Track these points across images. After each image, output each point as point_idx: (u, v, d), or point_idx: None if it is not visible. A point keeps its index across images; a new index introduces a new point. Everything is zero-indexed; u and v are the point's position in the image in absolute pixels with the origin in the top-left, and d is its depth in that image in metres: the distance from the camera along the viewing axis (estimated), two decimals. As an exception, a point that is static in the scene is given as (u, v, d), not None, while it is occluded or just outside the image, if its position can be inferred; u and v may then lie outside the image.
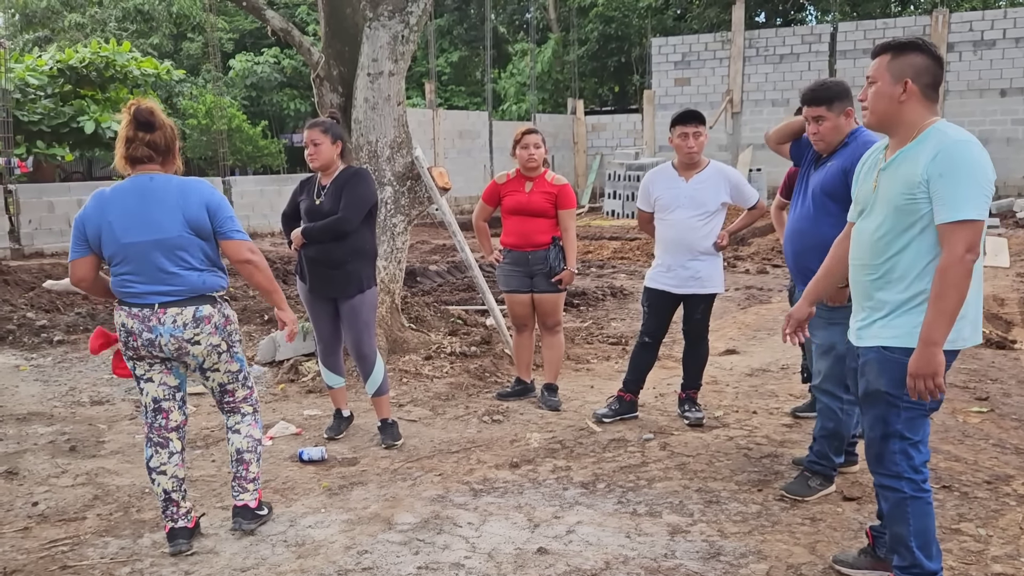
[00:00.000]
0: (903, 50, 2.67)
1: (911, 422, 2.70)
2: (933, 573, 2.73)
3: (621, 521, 3.49)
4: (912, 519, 2.70)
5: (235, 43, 27.56)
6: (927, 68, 2.66)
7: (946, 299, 2.51)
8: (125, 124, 3.20)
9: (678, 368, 5.54)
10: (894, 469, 2.71)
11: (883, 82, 2.68)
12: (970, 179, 2.53)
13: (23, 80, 15.37)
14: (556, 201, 4.94)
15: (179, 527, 3.31)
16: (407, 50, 6.03)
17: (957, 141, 2.59)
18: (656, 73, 22.99)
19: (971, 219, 2.50)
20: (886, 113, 2.70)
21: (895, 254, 2.66)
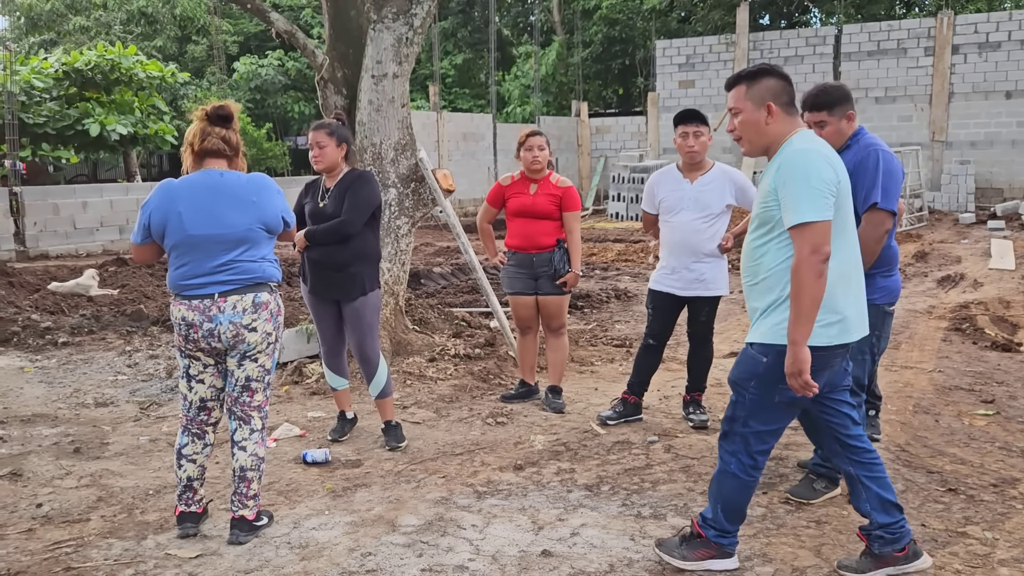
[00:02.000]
0: (756, 77, 2.86)
1: (757, 413, 2.89)
2: (727, 532, 3.05)
3: (625, 524, 3.48)
4: (728, 492, 3.00)
5: (239, 46, 27.62)
6: (782, 88, 2.87)
7: (799, 299, 2.66)
8: (199, 119, 3.33)
9: (682, 370, 5.53)
10: (732, 448, 2.97)
11: (747, 111, 2.86)
12: (804, 184, 2.69)
13: (28, 83, 15.41)
14: (561, 203, 4.93)
15: (190, 511, 3.45)
16: (411, 52, 6.03)
17: (796, 151, 2.77)
18: (660, 75, 22.99)
19: (810, 221, 2.66)
20: (758, 138, 2.88)
21: (759, 259, 2.87)
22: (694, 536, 3.10)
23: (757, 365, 2.85)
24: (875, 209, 3.48)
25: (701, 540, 3.07)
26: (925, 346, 6.62)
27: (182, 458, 3.45)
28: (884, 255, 3.57)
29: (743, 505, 3.04)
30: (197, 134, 3.32)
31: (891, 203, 3.49)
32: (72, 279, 9.69)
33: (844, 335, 2.82)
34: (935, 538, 3.31)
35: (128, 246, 14.33)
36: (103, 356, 6.71)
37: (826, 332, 2.77)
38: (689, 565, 3.05)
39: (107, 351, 6.88)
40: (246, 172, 3.45)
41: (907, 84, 20.11)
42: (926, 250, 12.44)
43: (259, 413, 3.45)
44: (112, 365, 6.44)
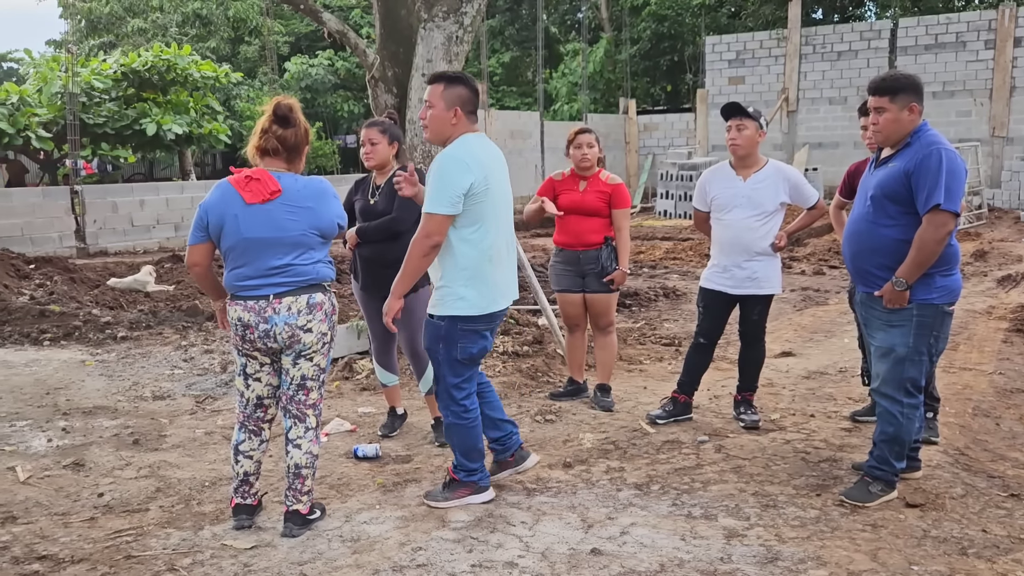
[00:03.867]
0: (453, 82, 3.44)
1: (451, 368, 3.56)
2: (474, 470, 3.67)
3: (676, 523, 3.46)
4: (459, 438, 3.65)
5: (290, 46, 28.04)
6: (470, 98, 3.47)
7: (405, 267, 3.46)
8: (265, 116, 3.33)
9: (733, 370, 5.47)
10: (443, 404, 3.64)
11: (439, 108, 3.43)
12: (436, 182, 3.33)
13: (89, 84, 15.84)
14: (610, 200, 4.90)
15: (245, 504, 3.53)
16: (461, 51, 6.06)
17: (440, 155, 3.40)
18: (709, 72, 22.73)
19: (429, 212, 3.35)
20: (441, 132, 3.48)
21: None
22: (452, 482, 3.69)
23: (439, 330, 3.52)
24: (937, 210, 3.38)
25: (457, 482, 3.68)
26: (985, 347, 6.45)
27: (239, 454, 3.50)
28: (945, 254, 3.48)
29: (477, 443, 3.69)
30: (259, 132, 3.34)
31: (954, 204, 3.39)
32: (130, 275, 9.94)
33: (470, 310, 3.49)
34: (996, 544, 3.23)
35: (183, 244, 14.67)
36: (160, 350, 6.87)
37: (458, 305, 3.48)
38: (453, 503, 3.64)
39: (164, 346, 7.05)
40: (305, 173, 3.47)
41: (966, 78, 19.57)
42: (985, 249, 12.11)
43: (314, 411, 3.49)
44: (169, 359, 6.59)
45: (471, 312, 3.50)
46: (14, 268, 9.33)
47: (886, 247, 3.54)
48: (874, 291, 3.59)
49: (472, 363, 3.63)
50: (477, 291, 3.49)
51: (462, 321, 3.50)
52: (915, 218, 3.46)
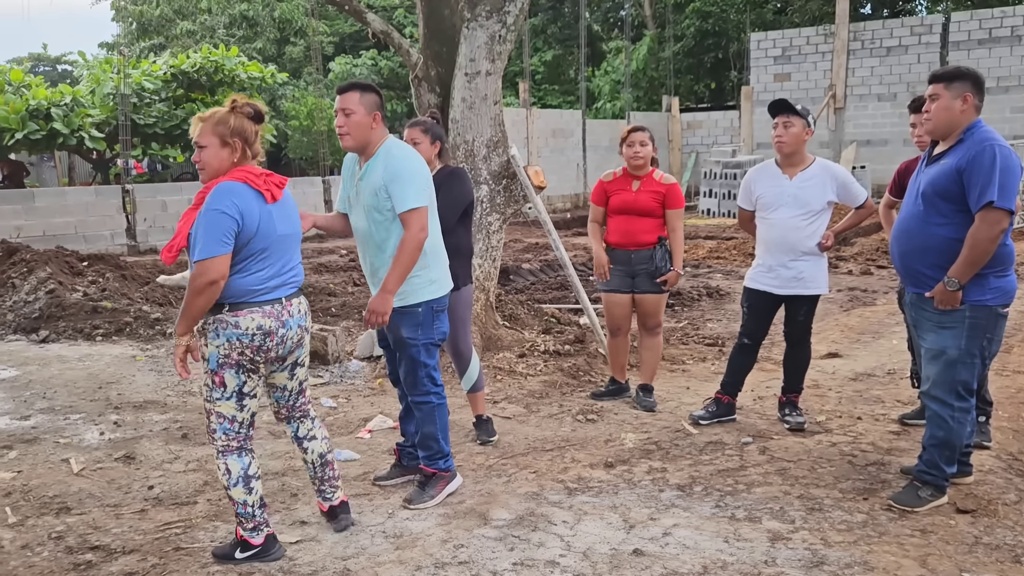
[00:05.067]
0: (367, 90, 3.57)
1: (428, 352, 3.68)
2: (446, 455, 3.79)
3: (719, 525, 3.43)
4: (441, 419, 3.74)
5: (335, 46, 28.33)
6: (381, 104, 3.59)
7: (403, 263, 3.48)
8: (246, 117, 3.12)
9: (777, 371, 5.40)
10: (423, 388, 3.70)
11: (359, 113, 3.52)
12: (414, 178, 3.50)
13: (140, 85, 16.19)
14: (664, 200, 4.86)
15: (272, 532, 3.28)
16: (504, 50, 6.06)
17: (399, 157, 3.56)
18: (755, 69, 22.46)
19: (418, 206, 3.47)
20: (363, 136, 3.56)
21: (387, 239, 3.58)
22: (428, 477, 3.75)
23: (416, 318, 3.63)
24: (991, 208, 3.30)
25: (436, 476, 3.75)
26: (1040, 350, 6.28)
27: (251, 479, 3.18)
28: (999, 254, 3.40)
29: (448, 423, 3.83)
30: (252, 133, 3.13)
31: (1009, 201, 3.30)
32: (179, 273, 10.14)
33: (440, 291, 3.71)
34: (1052, 553, 3.14)
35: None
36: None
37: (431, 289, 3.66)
38: (439, 499, 3.71)
39: (211, 342, 7.17)
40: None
41: (1021, 73, 19.07)
42: (1041, 249, 11.77)
43: (310, 403, 3.49)
44: (216, 355, 6.70)
45: (441, 293, 3.72)
46: (68, 265, 9.57)
47: (937, 246, 3.46)
48: (925, 292, 3.52)
49: (439, 343, 3.80)
50: (441, 272, 3.74)
51: (435, 303, 3.68)
52: (967, 216, 3.38)
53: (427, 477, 3.76)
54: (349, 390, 5.63)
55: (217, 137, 3.06)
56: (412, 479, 3.95)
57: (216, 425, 3.15)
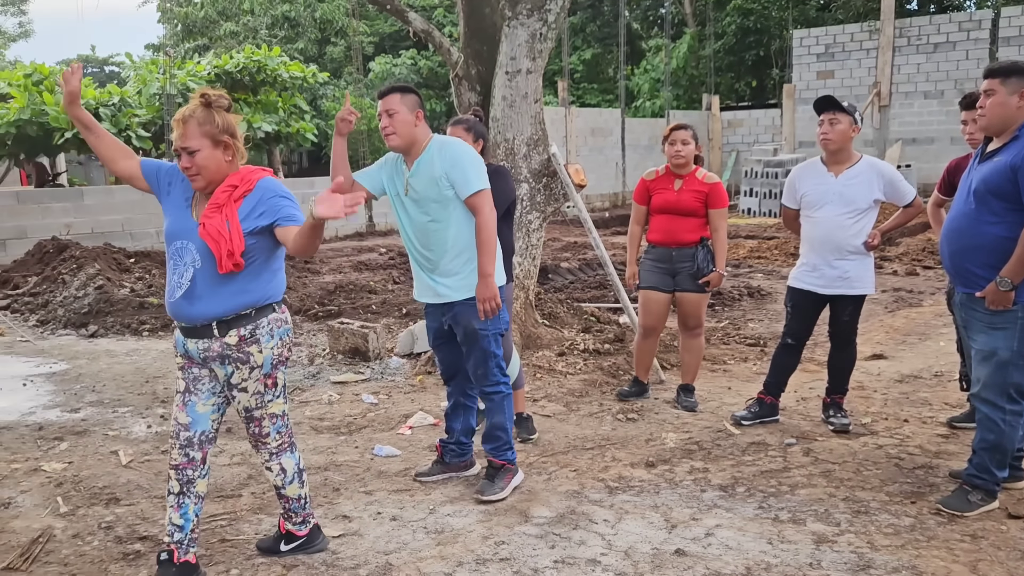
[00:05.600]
0: (407, 91, 3.61)
1: (498, 342, 3.72)
2: (512, 447, 3.84)
3: (762, 527, 3.39)
4: (509, 409, 3.82)
5: (375, 46, 28.55)
6: (421, 103, 3.64)
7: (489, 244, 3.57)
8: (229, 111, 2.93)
9: (820, 372, 5.33)
10: (493, 379, 3.74)
11: (402, 112, 3.56)
12: (473, 162, 3.58)
13: (185, 85, 16.45)
14: (707, 200, 4.81)
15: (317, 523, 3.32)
16: (545, 48, 6.06)
17: (453, 142, 3.64)
18: (797, 66, 22.16)
19: (484, 188, 3.56)
20: (408, 134, 3.58)
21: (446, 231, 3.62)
22: (497, 469, 3.79)
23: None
24: None
25: (504, 467, 3.80)
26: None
27: (302, 473, 3.19)
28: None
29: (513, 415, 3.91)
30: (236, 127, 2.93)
31: None
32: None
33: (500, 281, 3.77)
34: (1109, 561, 3.06)
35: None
36: (250, 342, 7.09)
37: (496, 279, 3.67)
38: (508, 490, 3.74)
39: (254, 338, 7.27)
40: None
41: (1074, 70, 18.54)
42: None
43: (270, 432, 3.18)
44: (259, 351, 6.79)
45: (501, 283, 3.77)
46: (116, 262, 9.78)
47: (989, 245, 3.39)
48: (975, 292, 3.44)
49: (504, 333, 3.83)
50: (500, 263, 3.83)
51: (499, 293, 3.69)
52: (1021, 215, 3.30)
53: (496, 469, 3.80)
54: (390, 387, 5.67)
55: (208, 138, 2.81)
56: (454, 476, 3.97)
57: (269, 427, 3.05)
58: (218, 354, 2.89)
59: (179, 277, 2.85)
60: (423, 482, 3.94)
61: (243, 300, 2.88)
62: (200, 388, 2.98)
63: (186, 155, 2.81)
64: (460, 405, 3.99)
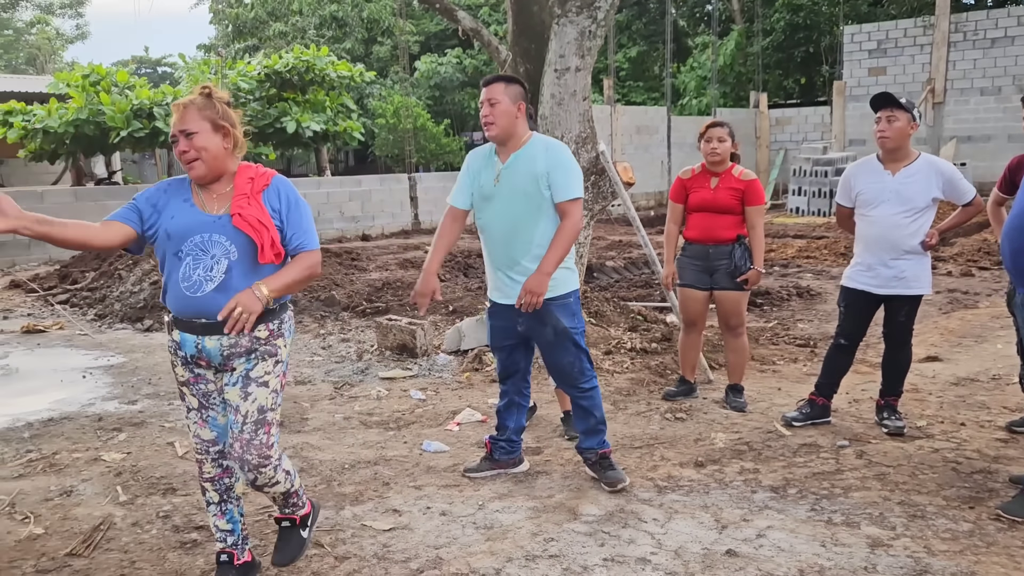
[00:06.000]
0: (512, 81, 3.60)
1: (582, 339, 3.76)
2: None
3: (815, 529, 3.35)
4: (600, 400, 3.85)
5: (420, 45, 28.75)
6: (525, 95, 3.62)
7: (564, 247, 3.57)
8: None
9: (873, 373, 5.24)
10: (589, 374, 3.78)
11: (505, 103, 3.55)
12: (574, 168, 3.57)
13: (236, 85, 16.74)
14: (743, 197, 4.77)
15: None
16: (594, 45, 6.04)
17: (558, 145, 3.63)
18: (848, 63, 21.77)
19: (579, 196, 3.57)
20: (509, 126, 3.58)
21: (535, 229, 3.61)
22: (606, 458, 3.84)
23: (571, 307, 3.71)
24: None
25: (609, 454, 3.87)
26: None
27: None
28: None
29: None
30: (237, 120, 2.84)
31: None
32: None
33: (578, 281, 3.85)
34: None
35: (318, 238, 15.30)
36: (300, 338, 7.20)
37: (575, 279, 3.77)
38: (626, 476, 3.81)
39: (303, 333, 7.38)
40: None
41: None
42: None
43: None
44: (308, 347, 6.90)
45: (576, 287, 3.78)
46: (169, 258, 9.98)
47: None
48: (1039, 292, 3.35)
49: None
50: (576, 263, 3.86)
51: (577, 292, 3.77)
52: None
53: (604, 458, 3.84)
54: (437, 383, 5.71)
55: (208, 121, 2.72)
56: (502, 473, 3.99)
57: (274, 436, 2.79)
58: (246, 349, 2.73)
59: (205, 271, 2.68)
60: (472, 478, 3.96)
61: None
62: (214, 401, 2.84)
63: (184, 138, 2.69)
64: (514, 404, 3.98)
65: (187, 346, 2.75)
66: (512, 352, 3.88)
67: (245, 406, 2.73)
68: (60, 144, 15.44)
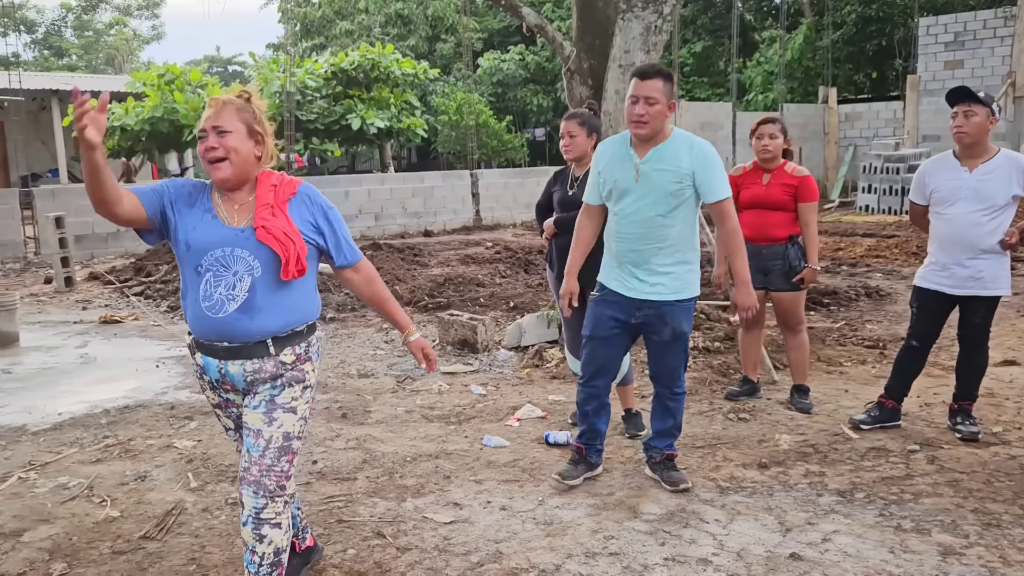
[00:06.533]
0: (669, 78, 3.50)
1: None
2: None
3: (883, 535, 3.26)
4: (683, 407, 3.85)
5: (484, 42, 28.86)
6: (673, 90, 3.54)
7: (742, 249, 3.66)
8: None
9: (945, 377, 5.09)
10: (682, 379, 3.78)
11: (661, 104, 3.46)
12: (721, 168, 3.53)
13: (303, 83, 17.07)
14: (796, 194, 4.68)
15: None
16: (660, 40, 5.99)
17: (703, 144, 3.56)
18: (923, 56, 21.07)
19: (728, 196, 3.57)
20: (661, 127, 3.52)
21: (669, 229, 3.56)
22: (670, 460, 3.81)
23: (691, 309, 3.67)
24: None
25: (675, 457, 3.85)
26: None
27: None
28: None
29: None
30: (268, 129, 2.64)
31: None
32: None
33: None
34: None
35: (383, 233, 15.51)
36: (363, 332, 7.32)
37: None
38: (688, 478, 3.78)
39: (367, 327, 7.50)
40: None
41: None
42: None
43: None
44: (371, 340, 7.00)
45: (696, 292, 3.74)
46: (238, 252, 10.24)
47: None
48: None
49: None
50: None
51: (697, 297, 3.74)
52: None
53: (670, 459, 3.83)
54: (497, 378, 5.73)
55: (244, 124, 2.51)
56: (595, 474, 3.91)
57: (293, 467, 2.60)
58: (271, 375, 2.53)
59: (228, 289, 2.46)
60: (570, 485, 3.78)
61: (299, 315, 2.58)
62: None
63: (215, 135, 2.47)
64: (604, 406, 3.86)
65: (210, 370, 2.57)
66: (606, 344, 3.70)
67: (269, 431, 2.52)
68: (136, 141, 15.96)
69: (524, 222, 17.04)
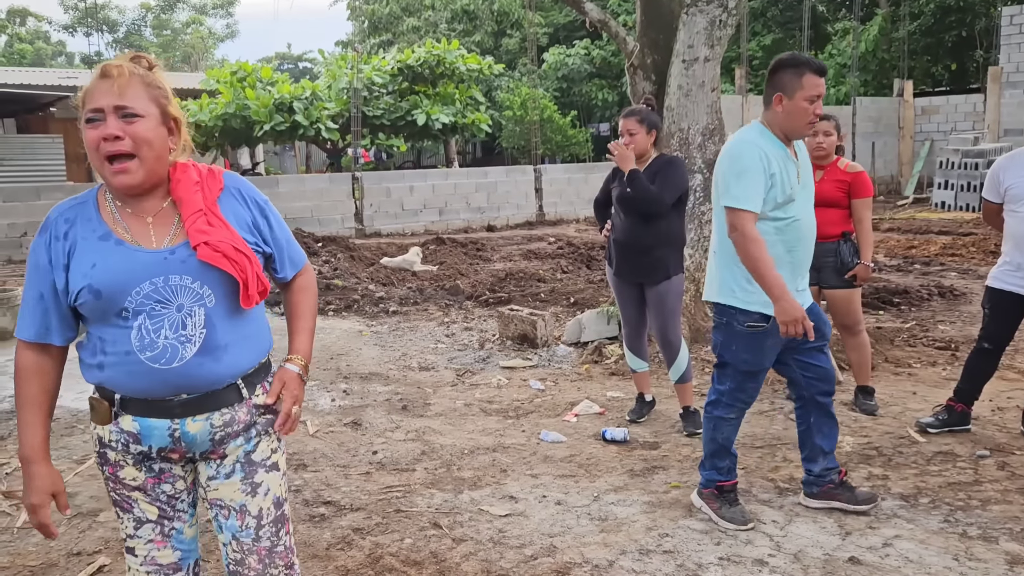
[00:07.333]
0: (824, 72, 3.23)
1: None
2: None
3: (947, 541, 3.18)
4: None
5: (549, 37, 28.82)
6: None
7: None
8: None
9: (1020, 381, 4.93)
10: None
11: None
12: None
13: (370, 80, 17.34)
14: (849, 190, 4.59)
15: None
16: (724, 35, 5.91)
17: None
18: (1005, 47, 20.25)
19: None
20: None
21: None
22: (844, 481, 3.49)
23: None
24: None
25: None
26: None
27: None
28: None
29: None
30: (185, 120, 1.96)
31: None
32: (399, 255, 10.80)
33: None
34: None
35: (447, 227, 15.65)
36: (425, 325, 7.42)
37: None
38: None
39: (428, 321, 7.60)
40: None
41: None
42: None
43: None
44: (433, 334, 7.10)
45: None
46: (305, 246, 10.49)
47: None
48: None
49: None
50: None
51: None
52: None
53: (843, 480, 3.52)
54: (556, 374, 5.75)
55: (157, 107, 1.83)
56: (836, 505, 3.46)
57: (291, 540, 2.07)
58: (244, 425, 1.95)
59: (175, 329, 1.83)
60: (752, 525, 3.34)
61: (263, 343, 2.02)
62: (181, 506, 2.00)
63: (115, 120, 1.77)
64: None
65: (152, 437, 1.88)
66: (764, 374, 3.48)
67: (256, 503, 1.97)
68: (210, 137, 16.43)
69: (587, 218, 16.99)
